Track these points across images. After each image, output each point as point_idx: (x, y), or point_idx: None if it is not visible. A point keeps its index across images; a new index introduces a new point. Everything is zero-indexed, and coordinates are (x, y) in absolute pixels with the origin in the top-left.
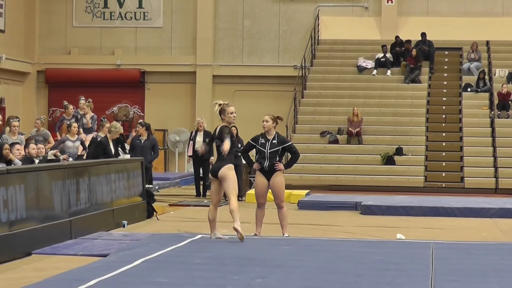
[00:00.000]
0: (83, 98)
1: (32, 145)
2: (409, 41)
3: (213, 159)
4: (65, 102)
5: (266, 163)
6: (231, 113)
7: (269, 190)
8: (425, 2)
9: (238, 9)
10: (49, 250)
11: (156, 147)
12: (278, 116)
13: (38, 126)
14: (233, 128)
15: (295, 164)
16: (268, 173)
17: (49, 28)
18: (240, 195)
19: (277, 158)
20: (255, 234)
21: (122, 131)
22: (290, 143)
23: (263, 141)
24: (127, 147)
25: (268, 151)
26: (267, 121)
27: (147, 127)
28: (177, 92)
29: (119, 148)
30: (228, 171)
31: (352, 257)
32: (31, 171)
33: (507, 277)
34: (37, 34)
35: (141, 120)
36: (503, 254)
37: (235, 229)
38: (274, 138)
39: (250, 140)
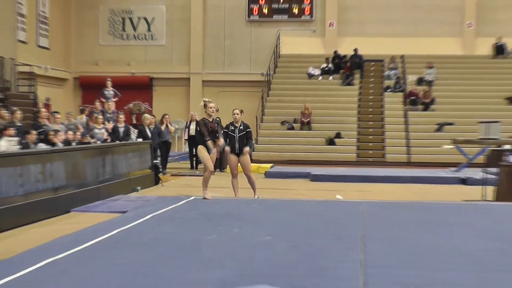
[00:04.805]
0: (110, 80)
1: (70, 132)
2: (345, 56)
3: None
4: (97, 101)
5: (237, 145)
6: (211, 108)
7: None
8: (358, 26)
9: (221, 32)
10: (83, 209)
11: (161, 133)
12: (241, 110)
13: (69, 118)
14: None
15: (263, 145)
16: (238, 152)
17: (82, 46)
18: (223, 168)
19: (244, 141)
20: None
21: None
22: (250, 129)
23: (232, 128)
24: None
25: (238, 136)
26: (238, 114)
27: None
28: (176, 93)
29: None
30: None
31: (305, 214)
32: (69, 151)
33: (420, 227)
34: (73, 50)
35: (152, 114)
36: (415, 210)
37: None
38: (240, 125)
39: (224, 129)
